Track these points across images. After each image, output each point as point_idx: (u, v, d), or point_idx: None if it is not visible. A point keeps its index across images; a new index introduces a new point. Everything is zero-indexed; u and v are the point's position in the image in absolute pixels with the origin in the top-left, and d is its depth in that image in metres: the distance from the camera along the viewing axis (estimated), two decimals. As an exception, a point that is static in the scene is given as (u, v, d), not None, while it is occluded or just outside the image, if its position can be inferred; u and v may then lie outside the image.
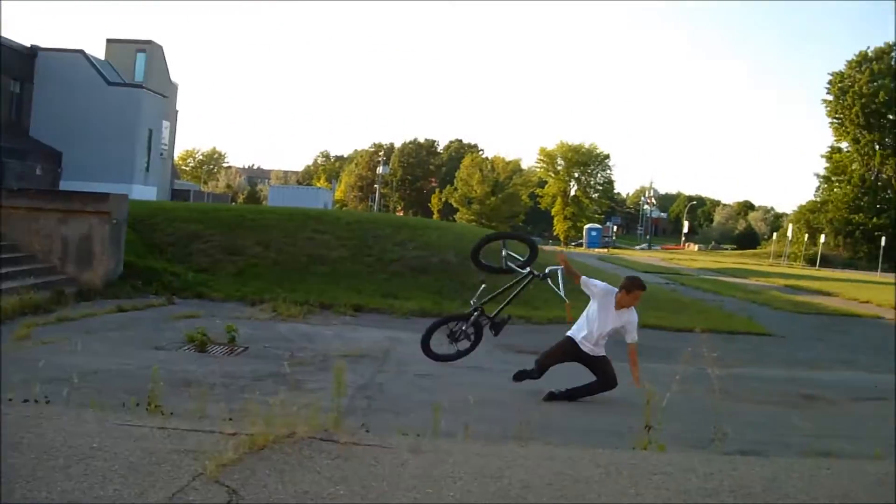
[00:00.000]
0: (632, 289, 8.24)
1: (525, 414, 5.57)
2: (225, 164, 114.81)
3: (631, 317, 8.23)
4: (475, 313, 9.00)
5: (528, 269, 8.95)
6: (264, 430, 4.13)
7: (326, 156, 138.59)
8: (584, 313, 8.36)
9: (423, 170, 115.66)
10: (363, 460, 4.07)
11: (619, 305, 8.15)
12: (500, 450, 4.63)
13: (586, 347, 8.16)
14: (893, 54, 72.24)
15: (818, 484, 4.40)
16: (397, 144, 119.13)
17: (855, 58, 73.71)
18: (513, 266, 9.05)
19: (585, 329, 8.20)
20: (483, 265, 9.33)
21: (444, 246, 18.66)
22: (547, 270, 8.77)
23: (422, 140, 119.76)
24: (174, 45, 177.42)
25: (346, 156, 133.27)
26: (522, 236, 9.81)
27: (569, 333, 8.37)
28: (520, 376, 8.44)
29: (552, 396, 8.05)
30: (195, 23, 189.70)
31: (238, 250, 17.39)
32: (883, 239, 55.52)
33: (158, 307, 13.31)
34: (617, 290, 8.19)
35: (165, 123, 41.14)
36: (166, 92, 40.53)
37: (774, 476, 4.46)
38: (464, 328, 9.04)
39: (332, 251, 17.84)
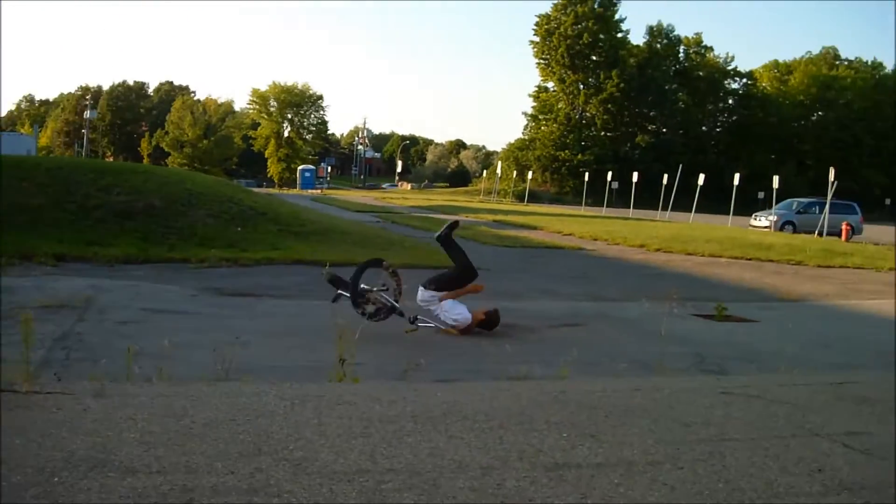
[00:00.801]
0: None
1: (222, 356, 5.44)
2: None
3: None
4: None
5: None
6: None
7: (31, 100, 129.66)
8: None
9: (132, 113, 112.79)
10: (45, 409, 4.05)
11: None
12: (188, 390, 4.67)
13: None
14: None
15: (497, 403, 4.60)
16: (105, 87, 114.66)
17: (561, 1, 78.20)
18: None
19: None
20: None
21: (149, 191, 17.87)
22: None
23: (131, 82, 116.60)
24: None
25: (51, 100, 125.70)
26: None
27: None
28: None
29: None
30: None
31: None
32: (587, 175, 59.93)
33: None
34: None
35: None
36: None
37: (456, 400, 4.63)
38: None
39: (32, 199, 16.35)
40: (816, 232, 32.63)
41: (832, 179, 32.37)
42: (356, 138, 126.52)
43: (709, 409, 4.80)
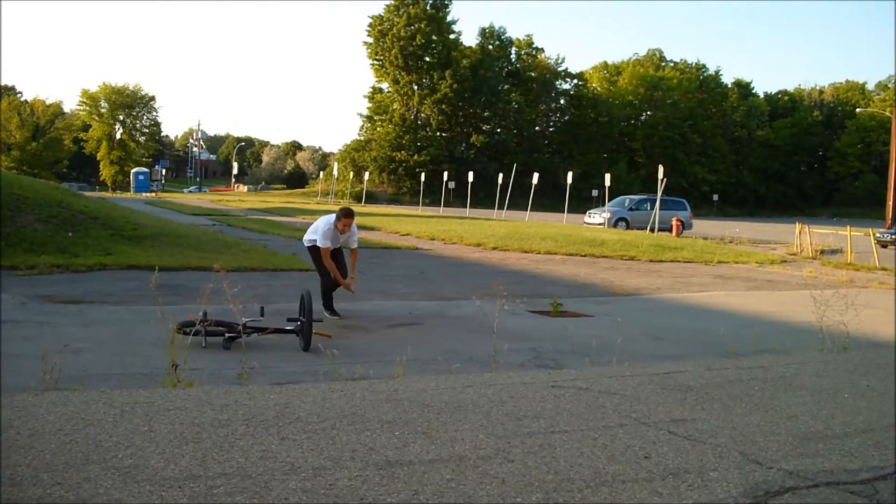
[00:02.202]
0: (341, 217, 10.53)
1: (51, 365, 5.26)
2: None
3: (352, 233, 10.76)
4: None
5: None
6: None
7: None
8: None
9: None
10: None
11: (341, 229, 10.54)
12: (13, 401, 4.55)
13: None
14: (428, 0, 78.43)
15: (330, 404, 4.57)
16: None
17: (393, 2, 78.78)
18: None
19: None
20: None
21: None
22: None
23: None
24: None
25: None
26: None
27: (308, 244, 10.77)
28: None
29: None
30: None
31: None
32: (423, 175, 60.56)
33: None
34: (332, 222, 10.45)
35: None
36: None
37: (289, 402, 4.61)
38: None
39: None
40: (648, 228, 34.17)
41: (661, 177, 34.00)
42: (190, 140, 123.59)
43: (539, 403, 4.87)
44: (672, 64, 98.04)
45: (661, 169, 34.63)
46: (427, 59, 79.38)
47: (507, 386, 5.30)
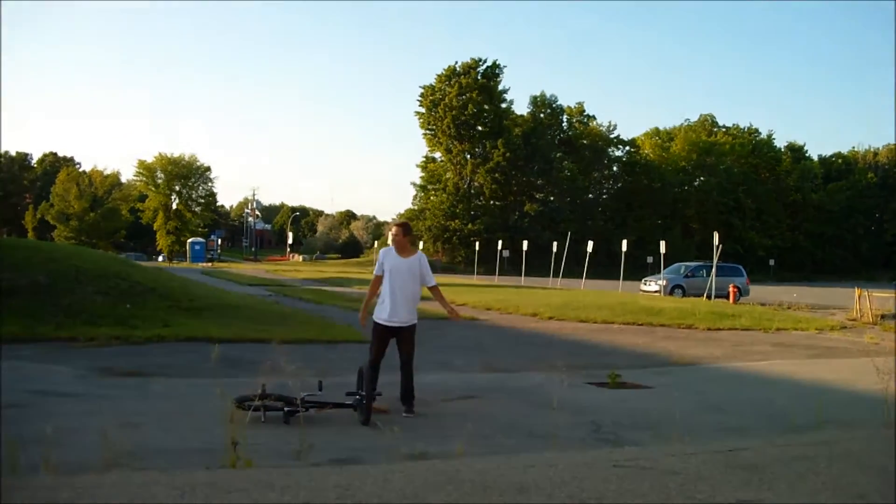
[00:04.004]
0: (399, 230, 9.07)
1: (111, 440, 5.26)
2: None
3: (421, 264, 9.13)
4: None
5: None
6: None
7: None
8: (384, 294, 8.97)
9: (16, 185, 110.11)
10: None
11: (400, 249, 9.01)
12: (73, 481, 4.40)
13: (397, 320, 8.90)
14: (479, 69, 79.51)
15: (391, 486, 4.55)
16: None
17: (444, 72, 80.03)
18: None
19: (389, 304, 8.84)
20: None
21: (34, 267, 17.26)
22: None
23: (13, 153, 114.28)
24: None
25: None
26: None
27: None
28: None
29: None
30: None
31: None
32: (477, 244, 60.72)
33: None
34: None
35: None
36: None
37: (350, 483, 4.58)
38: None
39: None
40: (705, 295, 33.75)
41: (717, 243, 33.68)
42: (246, 210, 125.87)
43: (602, 484, 4.82)
44: (724, 129, 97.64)
45: (716, 235, 34.34)
46: (479, 127, 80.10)
47: (570, 466, 5.25)
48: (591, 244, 43.79)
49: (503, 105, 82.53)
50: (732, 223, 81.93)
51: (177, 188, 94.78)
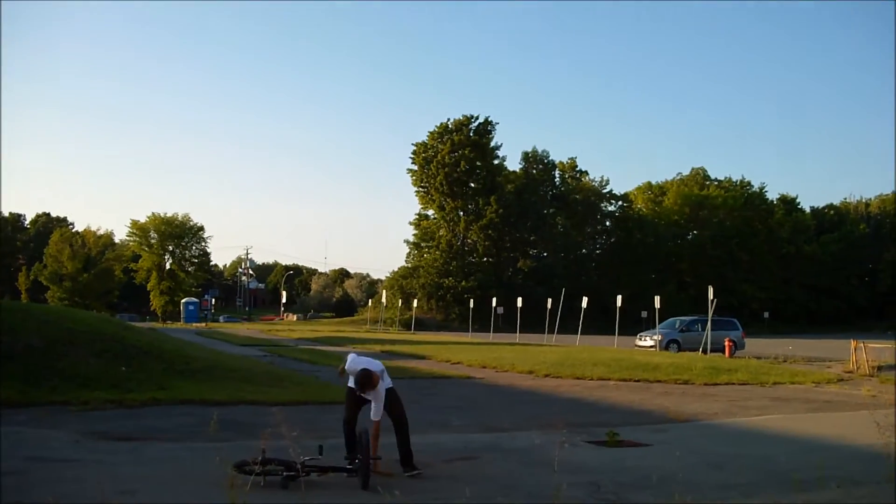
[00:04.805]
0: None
1: None
2: None
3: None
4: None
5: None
6: None
7: None
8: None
9: (9, 246, 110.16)
10: None
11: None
12: None
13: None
14: (471, 125, 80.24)
15: None
16: None
17: (436, 129, 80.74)
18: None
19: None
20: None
21: (28, 330, 17.09)
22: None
23: (6, 214, 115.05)
24: None
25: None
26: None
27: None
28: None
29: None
30: None
31: None
32: (472, 301, 60.65)
33: None
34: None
35: None
36: None
37: None
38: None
39: None
40: (700, 349, 33.70)
41: (711, 297, 33.74)
42: (240, 269, 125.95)
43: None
44: (716, 182, 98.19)
45: (710, 290, 34.39)
46: (472, 184, 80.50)
47: (572, 529, 5.24)
48: (585, 300, 43.79)
49: (495, 161, 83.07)
50: (726, 276, 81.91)
51: (170, 248, 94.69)
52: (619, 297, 42.47)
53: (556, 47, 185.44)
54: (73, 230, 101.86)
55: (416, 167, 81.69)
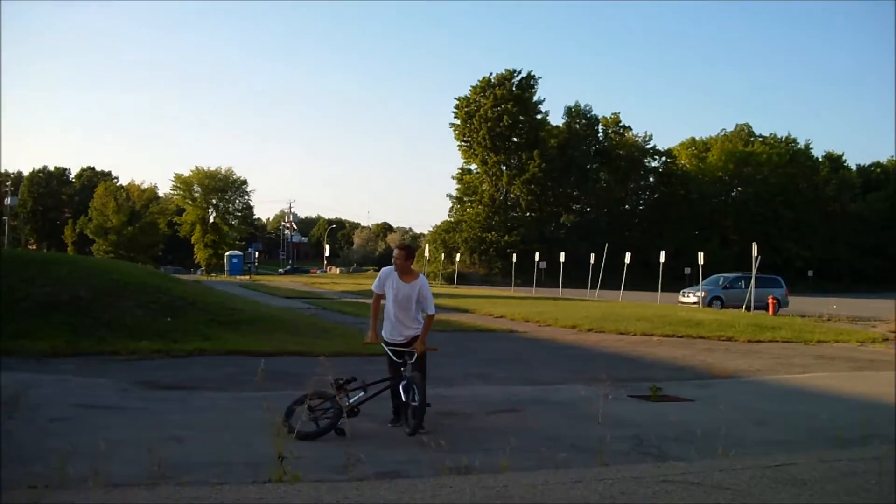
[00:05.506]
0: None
1: (159, 454, 5.31)
2: None
3: (422, 288, 8.91)
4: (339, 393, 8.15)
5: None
6: None
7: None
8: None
9: (54, 200, 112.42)
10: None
11: (402, 272, 8.93)
12: (124, 495, 4.55)
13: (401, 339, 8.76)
14: (514, 80, 79.40)
15: (439, 501, 4.54)
16: (25, 172, 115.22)
17: (479, 83, 79.98)
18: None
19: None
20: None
21: (74, 282, 17.41)
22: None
23: (52, 168, 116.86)
24: None
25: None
26: None
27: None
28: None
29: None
30: None
31: None
32: (514, 256, 60.58)
33: None
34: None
35: None
36: None
37: (399, 499, 4.57)
38: (326, 407, 8.20)
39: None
40: (744, 306, 33.42)
41: (755, 254, 33.34)
42: (282, 223, 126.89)
43: (651, 499, 4.81)
44: (761, 138, 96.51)
45: (754, 246, 33.99)
46: (514, 139, 79.77)
47: (617, 481, 5.24)
48: (628, 255, 43.50)
49: (538, 116, 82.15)
50: (770, 233, 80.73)
51: (214, 201, 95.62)
52: (663, 254, 42.15)
53: (600, 2, 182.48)
54: (118, 184, 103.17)
55: (458, 122, 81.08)
